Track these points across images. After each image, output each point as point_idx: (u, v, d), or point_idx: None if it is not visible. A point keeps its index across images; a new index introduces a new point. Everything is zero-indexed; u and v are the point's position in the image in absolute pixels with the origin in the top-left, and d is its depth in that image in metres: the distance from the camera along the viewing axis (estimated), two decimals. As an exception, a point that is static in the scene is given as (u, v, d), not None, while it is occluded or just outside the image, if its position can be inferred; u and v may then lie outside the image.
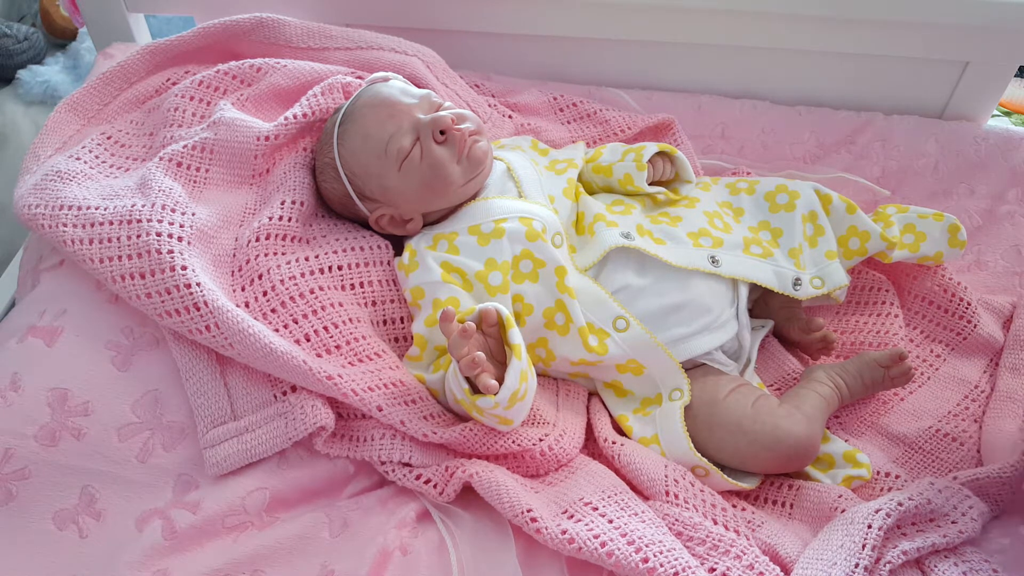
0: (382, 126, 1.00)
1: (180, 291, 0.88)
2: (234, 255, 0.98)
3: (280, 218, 0.99)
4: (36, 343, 0.91)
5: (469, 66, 1.35)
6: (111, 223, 0.92)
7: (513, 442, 0.91)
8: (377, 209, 1.03)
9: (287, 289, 0.94)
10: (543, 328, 0.99)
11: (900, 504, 0.85)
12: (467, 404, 0.87)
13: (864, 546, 0.81)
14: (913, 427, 1.03)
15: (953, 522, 0.86)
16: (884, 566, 0.81)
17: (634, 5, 1.32)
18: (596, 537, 0.81)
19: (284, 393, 0.90)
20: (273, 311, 0.93)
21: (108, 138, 1.07)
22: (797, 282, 1.04)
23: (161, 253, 0.89)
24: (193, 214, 0.96)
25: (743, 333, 1.05)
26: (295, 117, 1.06)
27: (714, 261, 1.02)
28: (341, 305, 0.96)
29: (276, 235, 0.98)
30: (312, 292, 0.95)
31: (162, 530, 0.83)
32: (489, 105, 1.27)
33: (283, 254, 0.98)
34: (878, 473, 0.98)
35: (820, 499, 0.92)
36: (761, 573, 0.81)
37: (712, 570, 0.81)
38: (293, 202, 1.01)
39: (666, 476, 0.90)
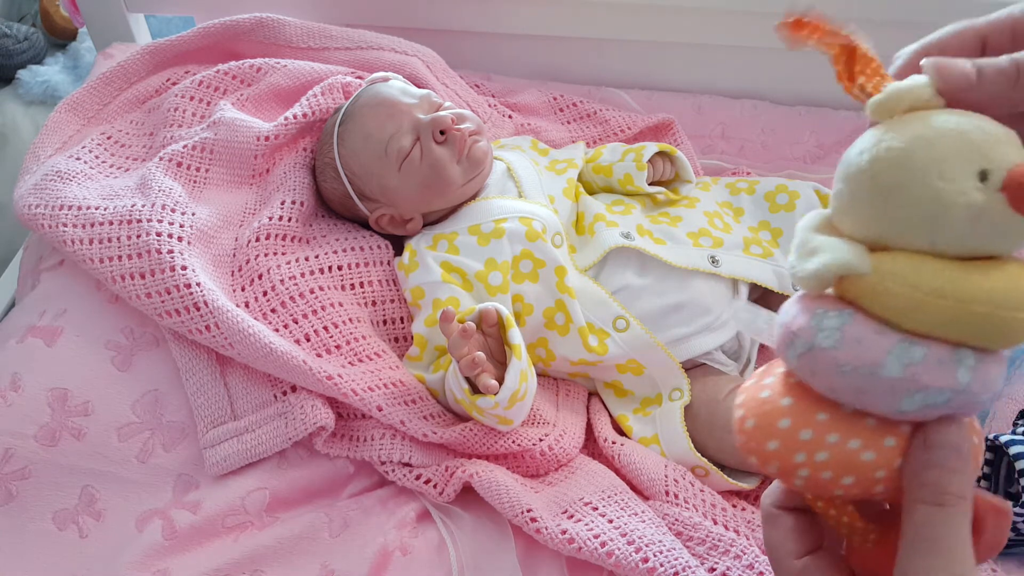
0: (382, 126, 1.00)
1: (180, 291, 0.88)
2: (234, 255, 0.98)
3: (280, 218, 0.99)
4: (36, 343, 0.91)
5: (469, 66, 1.35)
6: (111, 223, 0.92)
7: (513, 442, 0.91)
8: (377, 209, 1.03)
9: (287, 289, 0.94)
10: (543, 328, 0.99)
11: None
12: (467, 404, 0.87)
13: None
14: (913, 427, 1.03)
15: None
16: (884, 566, 0.81)
17: (634, 5, 1.31)
18: (596, 537, 0.80)
19: (284, 393, 0.90)
20: (273, 311, 0.93)
21: (108, 138, 1.07)
22: (797, 282, 1.04)
23: (161, 253, 0.89)
24: (193, 214, 0.96)
25: (743, 333, 1.05)
26: (295, 117, 1.06)
27: (714, 261, 1.02)
28: (341, 305, 0.96)
29: (276, 235, 0.98)
30: (312, 292, 0.95)
31: (162, 530, 0.83)
32: (489, 105, 1.27)
33: (283, 254, 0.98)
34: (878, 473, 0.97)
35: (820, 499, 0.91)
36: (761, 573, 0.81)
37: (712, 570, 0.81)
38: (293, 202, 1.01)
39: (666, 476, 0.90)
